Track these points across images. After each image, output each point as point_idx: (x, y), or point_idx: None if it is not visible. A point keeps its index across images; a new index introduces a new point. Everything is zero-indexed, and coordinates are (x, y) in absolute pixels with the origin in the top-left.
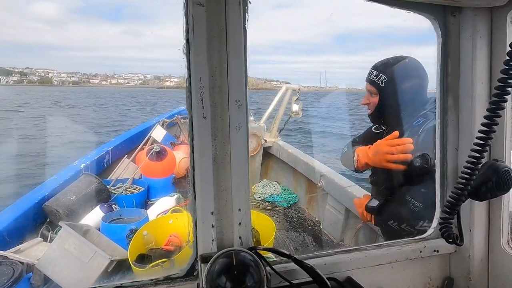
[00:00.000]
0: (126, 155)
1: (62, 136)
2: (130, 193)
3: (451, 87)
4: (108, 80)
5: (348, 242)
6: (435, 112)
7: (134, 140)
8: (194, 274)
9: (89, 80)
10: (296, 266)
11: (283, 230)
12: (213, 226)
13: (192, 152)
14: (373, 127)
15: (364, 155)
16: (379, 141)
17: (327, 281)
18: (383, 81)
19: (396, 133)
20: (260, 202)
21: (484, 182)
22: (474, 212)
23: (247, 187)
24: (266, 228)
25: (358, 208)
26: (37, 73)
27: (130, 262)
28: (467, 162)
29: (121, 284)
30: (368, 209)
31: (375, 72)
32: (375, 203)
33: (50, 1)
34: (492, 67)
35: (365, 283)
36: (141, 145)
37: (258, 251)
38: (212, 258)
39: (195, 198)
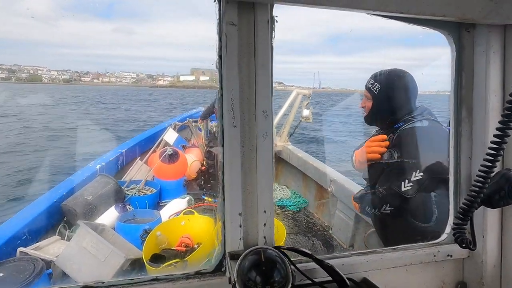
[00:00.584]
0: (139, 157)
1: None
2: (143, 194)
3: (465, 99)
4: (100, 79)
5: (357, 248)
6: (415, 118)
7: (147, 142)
8: (222, 270)
9: (81, 78)
10: (316, 266)
11: (292, 234)
12: (240, 226)
13: (223, 158)
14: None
15: (356, 153)
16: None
17: (346, 280)
18: (377, 89)
19: (384, 136)
20: None
21: (498, 191)
22: (487, 218)
23: (271, 190)
24: (277, 231)
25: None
26: (25, 70)
27: (145, 261)
28: (479, 170)
29: (156, 276)
30: (354, 199)
31: (372, 81)
32: (358, 193)
33: None
34: (505, 81)
35: (381, 284)
36: (153, 147)
37: (282, 250)
38: (242, 255)
39: (224, 200)
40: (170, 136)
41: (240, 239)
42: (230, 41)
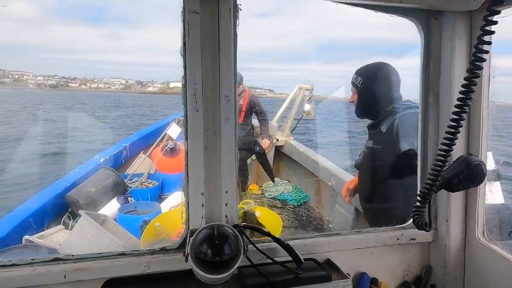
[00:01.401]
0: (143, 151)
1: None
2: (145, 187)
3: (432, 86)
4: (88, 84)
5: None
6: (402, 105)
7: (151, 137)
8: (185, 246)
9: (68, 84)
10: (277, 245)
11: (292, 228)
12: (202, 205)
13: (186, 140)
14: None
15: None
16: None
17: (300, 257)
18: (360, 82)
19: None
20: (270, 200)
21: (457, 175)
22: (451, 203)
23: (234, 172)
24: (273, 224)
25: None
26: (10, 75)
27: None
28: (437, 155)
29: (123, 252)
30: None
31: (355, 75)
32: None
33: (26, 0)
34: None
35: (344, 265)
36: (157, 141)
37: (240, 228)
38: (197, 231)
39: (188, 181)
40: (174, 130)
41: (202, 217)
42: (193, 29)
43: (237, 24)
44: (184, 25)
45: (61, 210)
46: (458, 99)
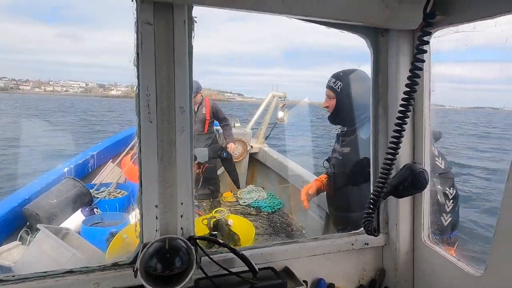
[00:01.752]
0: (111, 160)
1: None
2: (114, 197)
3: (382, 98)
4: (43, 87)
5: None
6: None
7: (120, 144)
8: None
9: (19, 87)
10: (234, 256)
11: (266, 235)
12: (156, 218)
13: (140, 151)
14: (335, 131)
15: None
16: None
17: (255, 266)
18: (339, 87)
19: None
20: (245, 207)
21: (402, 182)
22: (399, 209)
23: (190, 183)
24: (246, 232)
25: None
26: None
27: None
28: (383, 163)
29: (71, 269)
30: None
31: (333, 80)
32: None
33: None
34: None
35: (302, 272)
36: (127, 149)
37: (195, 240)
38: (149, 244)
39: (142, 193)
40: None
41: (156, 230)
42: (146, 40)
43: (193, 36)
44: (137, 35)
45: (18, 224)
46: (399, 111)
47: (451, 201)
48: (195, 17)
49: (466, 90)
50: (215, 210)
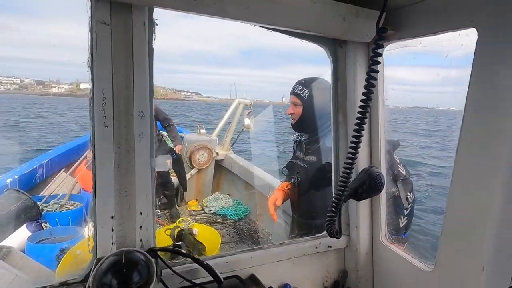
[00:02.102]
0: (64, 169)
1: None
2: (66, 210)
3: (341, 105)
4: None
5: None
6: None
7: (74, 152)
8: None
9: None
10: (198, 266)
11: (232, 243)
12: (112, 230)
13: (94, 158)
14: (294, 138)
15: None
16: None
17: (220, 276)
18: (306, 94)
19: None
20: (211, 215)
21: (361, 185)
22: (359, 211)
23: (150, 191)
24: (212, 240)
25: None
26: None
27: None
28: (343, 167)
29: None
30: None
31: (300, 87)
32: None
33: None
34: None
35: (268, 279)
36: (81, 158)
37: (156, 251)
38: (103, 259)
39: (95, 204)
40: None
41: (112, 243)
42: (102, 41)
43: (154, 38)
44: (92, 35)
45: None
46: (357, 118)
47: (410, 204)
48: (156, 19)
49: (407, 91)
50: (179, 219)
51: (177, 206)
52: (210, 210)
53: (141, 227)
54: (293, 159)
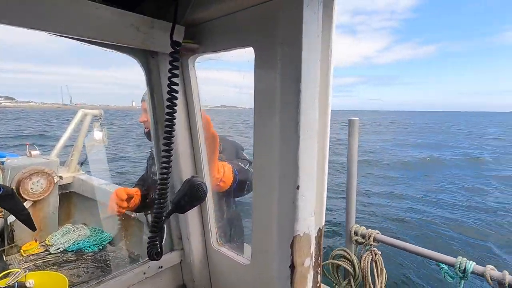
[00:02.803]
0: None
1: None
2: None
3: (159, 118)
4: None
5: None
6: None
7: None
8: None
9: None
10: None
11: (94, 279)
12: None
13: None
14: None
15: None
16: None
17: None
18: None
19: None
20: (59, 255)
21: (183, 197)
22: (189, 222)
23: None
24: (56, 287)
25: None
26: None
27: None
28: (158, 184)
29: None
30: None
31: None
32: None
33: None
34: (188, 101)
35: None
36: None
37: None
38: None
39: None
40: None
41: None
42: None
43: None
44: None
45: None
46: (165, 132)
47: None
48: None
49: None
50: (2, 273)
51: (4, 256)
52: (58, 249)
53: None
54: (148, 171)
